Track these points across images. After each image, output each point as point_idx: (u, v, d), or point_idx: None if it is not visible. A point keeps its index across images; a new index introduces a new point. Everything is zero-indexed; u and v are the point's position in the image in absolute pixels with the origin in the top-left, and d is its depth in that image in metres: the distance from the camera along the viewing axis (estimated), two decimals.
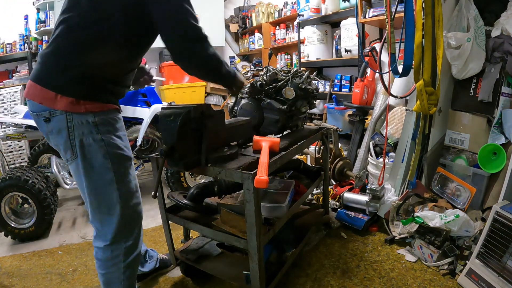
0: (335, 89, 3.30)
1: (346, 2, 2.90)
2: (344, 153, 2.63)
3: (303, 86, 1.66)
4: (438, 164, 2.11)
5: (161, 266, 1.72)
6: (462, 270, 1.52)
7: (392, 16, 1.83)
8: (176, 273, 1.75)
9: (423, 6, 1.71)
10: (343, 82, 3.22)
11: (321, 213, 2.10)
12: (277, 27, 4.54)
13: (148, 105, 2.75)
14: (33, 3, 4.22)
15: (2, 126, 3.20)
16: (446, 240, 1.67)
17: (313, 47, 3.42)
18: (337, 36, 3.27)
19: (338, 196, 2.26)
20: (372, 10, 2.62)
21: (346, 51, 3.04)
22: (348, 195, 2.19)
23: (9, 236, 2.19)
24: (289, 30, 4.36)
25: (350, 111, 2.87)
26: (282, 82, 1.64)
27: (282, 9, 4.51)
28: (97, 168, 1.14)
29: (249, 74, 2.12)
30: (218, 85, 5.02)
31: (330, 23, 3.40)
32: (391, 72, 1.93)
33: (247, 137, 1.50)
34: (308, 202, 2.29)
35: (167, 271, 1.76)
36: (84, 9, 1.07)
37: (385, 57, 2.28)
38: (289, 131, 1.79)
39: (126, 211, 1.21)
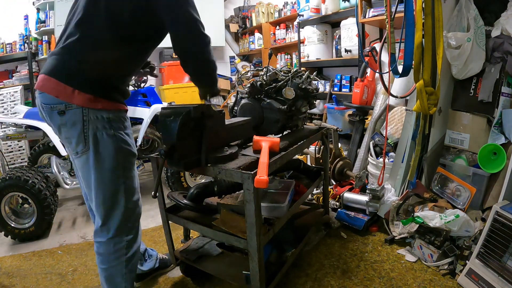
0: (335, 89, 3.30)
1: (346, 2, 2.90)
2: (344, 153, 2.63)
3: (303, 86, 1.66)
4: (438, 164, 2.11)
5: (160, 266, 1.72)
6: (462, 270, 1.52)
7: (392, 16, 1.83)
8: (176, 273, 1.75)
9: (423, 6, 1.71)
10: (343, 82, 3.22)
11: (321, 213, 2.10)
12: (277, 27, 4.54)
13: (148, 105, 2.75)
14: (33, 3, 4.22)
15: (2, 126, 3.20)
16: (446, 240, 1.67)
17: (313, 47, 3.42)
18: (337, 36, 3.27)
19: (338, 196, 2.26)
20: (372, 10, 2.62)
21: (346, 51, 3.04)
22: (348, 195, 2.19)
23: (9, 236, 2.19)
24: (289, 30, 4.36)
25: (350, 111, 2.87)
26: (282, 82, 1.64)
27: (282, 9, 4.51)
28: (107, 162, 1.20)
29: (249, 74, 2.12)
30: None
31: (330, 23, 3.40)
32: (391, 72, 1.93)
33: (247, 137, 1.50)
34: (308, 202, 2.29)
35: (166, 271, 1.76)
36: (101, 11, 1.14)
37: (385, 57, 2.28)
38: (289, 131, 1.79)
39: (129, 205, 1.27)
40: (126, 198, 1.25)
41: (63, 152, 2.34)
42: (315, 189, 2.30)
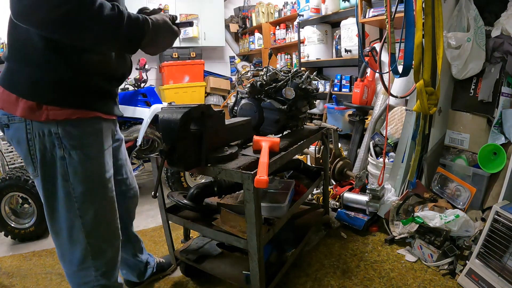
0: (335, 89, 3.30)
1: (346, 2, 2.90)
2: (344, 153, 2.63)
3: (303, 86, 1.66)
4: (438, 164, 2.11)
5: (158, 270, 1.68)
6: (462, 270, 1.52)
7: (392, 16, 1.83)
8: (176, 273, 1.75)
9: (423, 6, 1.71)
10: (343, 82, 3.22)
11: (321, 213, 2.10)
12: (277, 27, 4.54)
13: (148, 105, 2.75)
14: None
15: None
16: (446, 240, 1.67)
17: (313, 47, 3.42)
18: (337, 36, 3.27)
19: (338, 196, 2.26)
20: (372, 10, 2.62)
21: (346, 51, 3.04)
22: (348, 195, 2.19)
23: (9, 236, 2.19)
24: (289, 30, 4.36)
25: (350, 111, 2.87)
26: (282, 82, 1.64)
27: (282, 9, 4.51)
28: (57, 190, 0.95)
29: (249, 74, 2.12)
30: (218, 85, 5.06)
31: (330, 23, 3.40)
32: (391, 72, 1.93)
33: (247, 137, 1.50)
34: (308, 202, 2.29)
35: (164, 274, 1.72)
36: None
37: (385, 57, 2.28)
38: (289, 131, 1.79)
39: (92, 240, 1.01)
40: (86, 234, 0.99)
41: None
42: (315, 189, 2.30)
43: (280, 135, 1.71)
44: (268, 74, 1.65)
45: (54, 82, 0.89)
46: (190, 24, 1.10)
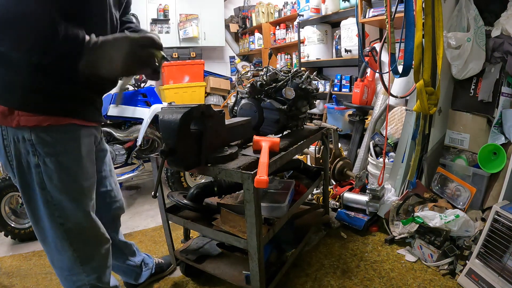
0: (335, 89, 3.30)
1: (346, 2, 2.90)
2: (344, 153, 2.63)
3: (303, 86, 1.66)
4: (438, 164, 2.11)
5: (157, 271, 1.66)
6: (462, 270, 1.52)
7: (392, 16, 1.83)
8: (176, 273, 1.75)
9: (423, 6, 1.71)
10: (343, 82, 3.22)
11: (321, 213, 2.10)
12: (277, 27, 4.54)
13: (148, 105, 2.75)
14: None
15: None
16: (446, 240, 1.67)
17: (313, 47, 3.42)
18: (337, 36, 3.27)
19: (338, 196, 2.26)
20: (372, 10, 2.62)
21: (346, 51, 3.04)
22: (348, 195, 2.19)
23: (9, 236, 2.18)
24: (289, 30, 4.36)
25: (350, 111, 2.87)
26: (282, 82, 1.64)
27: (282, 9, 4.51)
28: (36, 199, 0.93)
29: (249, 74, 2.11)
30: (218, 85, 5.06)
31: (330, 23, 3.40)
32: (391, 72, 1.93)
33: (247, 137, 1.50)
34: (308, 202, 2.29)
35: (164, 275, 1.71)
36: None
37: (385, 57, 2.28)
38: (289, 131, 1.79)
39: (78, 246, 1.00)
40: (70, 241, 0.98)
41: None
42: (315, 189, 2.30)
43: (280, 135, 1.71)
44: (268, 74, 1.65)
45: (26, 87, 0.85)
46: (165, 59, 0.94)
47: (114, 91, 1.29)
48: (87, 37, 0.80)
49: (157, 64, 0.91)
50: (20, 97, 0.85)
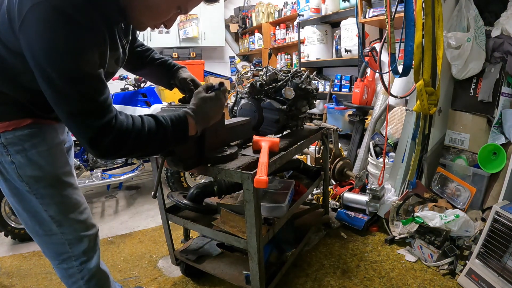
0: (335, 89, 3.30)
1: (346, 2, 2.90)
2: (344, 153, 2.63)
3: (303, 86, 1.66)
4: (438, 164, 2.11)
5: None
6: (462, 270, 1.52)
7: (392, 16, 1.83)
8: (176, 273, 1.75)
9: (423, 6, 1.71)
10: (343, 82, 3.22)
11: (321, 213, 2.10)
12: (277, 27, 4.54)
13: (148, 105, 2.75)
14: None
15: None
16: (446, 240, 1.67)
17: (313, 47, 3.42)
18: (337, 36, 3.27)
19: (338, 196, 2.26)
20: (372, 10, 2.62)
21: (346, 51, 3.04)
22: (348, 195, 2.19)
23: (9, 236, 2.19)
24: (289, 30, 4.36)
25: (350, 111, 2.87)
26: (282, 82, 1.64)
27: (282, 9, 4.51)
28: (17, 191, 1.04)
29: (249, 74, 2.11)
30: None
31: (330, 23, 3.40)
32: (391, 72, 1.93)
33: (247, 137, 1.50)
34: (308, 202, 2.29)
35: None
36: None
37: (385, 57, 2.28)
38: (289, 131, 1.79)
39: (65, 230, 1.09)
40: (57, 224, 1.07)
41: None
42: (315, 189, 2.30)
43: (280, 135, 1.71)
44: (268, 74, 1.65)
45: None
46: (221, 85, 1.16)
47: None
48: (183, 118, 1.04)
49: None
50: None
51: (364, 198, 2.09)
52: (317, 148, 2.18)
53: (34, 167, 1.02)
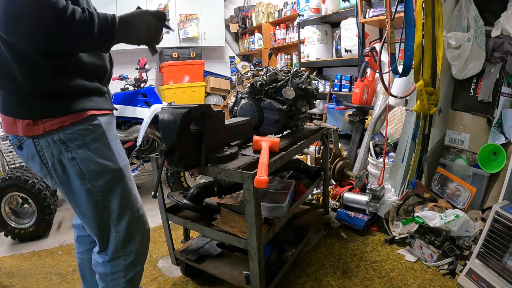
0: (335, 89, 3.30)
1: (346, 2, 2.90)
2: (344, 153, 2.63)
3: (303, 86, 1.66)
4: (438, 164, 2.11)
5: None
6: (462, 270, 1.52)
7: (392, 16, 1.83)
8: (176, 273, 1.75)
9: (423, 6, 1.71)
10: (343, 82, 3.22)
11: (321, 213, 2.10)
12: (277, 27, 4.54)
13: (148, 105, 2.75)
14: None
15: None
16: (446, 240, 1.67)
17: (313, 47, 3.42)
18: (337, 36, 3.27)
19: (338, 196, 2.26)
20: (372, 10, 2.62)
21: (346, 51, 3.04)
22: (348, 195, 2.19)
23: (9, 236, 2.19)
24: (289, 30, 4.36)
25: (350, 111, 2.87)
26: (282, 82, 1.64)
27: (282, 9, 4.51)
28: (77, 191, 1.02)
29: (249, 74, 2.12)
30: (218, 85, 5.06)
31: (330, 23, 3.40)
32: (391, 72, 1.93)
33: (247, 137, 1.50)
34: (308, 202, 2.29)
35: None
36: None
37: (385, 57, 2.28)
38: (289, 131, 1.79)
39: (122, 228, 1.10)
40: (115, 222, 1.08)
41: None
42: (315, 189, 2.30)
43: (280, 135, 1.71)
44: (268, 74, 1.65)
45: (38, 98, 0.93)
46: (170, 28, 1.04)
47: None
48: (113, 17, 0.90)
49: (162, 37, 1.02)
50: (36, 108, 0.94)
51: (364, 198, 2.09)
52: (317, 148, 2.18)
53: (98, 161, 1.00)
